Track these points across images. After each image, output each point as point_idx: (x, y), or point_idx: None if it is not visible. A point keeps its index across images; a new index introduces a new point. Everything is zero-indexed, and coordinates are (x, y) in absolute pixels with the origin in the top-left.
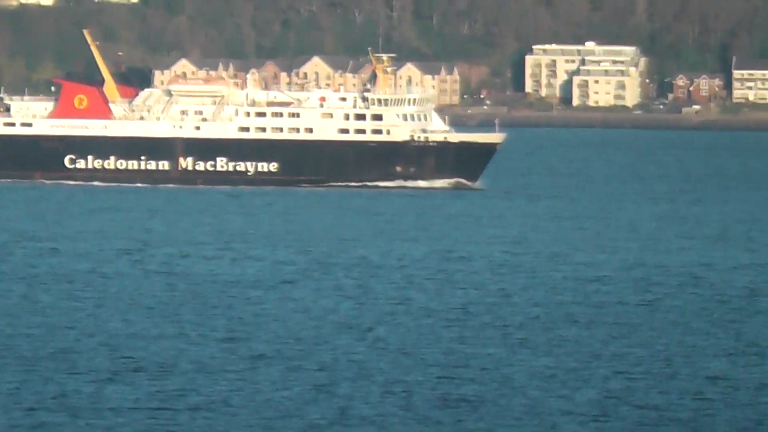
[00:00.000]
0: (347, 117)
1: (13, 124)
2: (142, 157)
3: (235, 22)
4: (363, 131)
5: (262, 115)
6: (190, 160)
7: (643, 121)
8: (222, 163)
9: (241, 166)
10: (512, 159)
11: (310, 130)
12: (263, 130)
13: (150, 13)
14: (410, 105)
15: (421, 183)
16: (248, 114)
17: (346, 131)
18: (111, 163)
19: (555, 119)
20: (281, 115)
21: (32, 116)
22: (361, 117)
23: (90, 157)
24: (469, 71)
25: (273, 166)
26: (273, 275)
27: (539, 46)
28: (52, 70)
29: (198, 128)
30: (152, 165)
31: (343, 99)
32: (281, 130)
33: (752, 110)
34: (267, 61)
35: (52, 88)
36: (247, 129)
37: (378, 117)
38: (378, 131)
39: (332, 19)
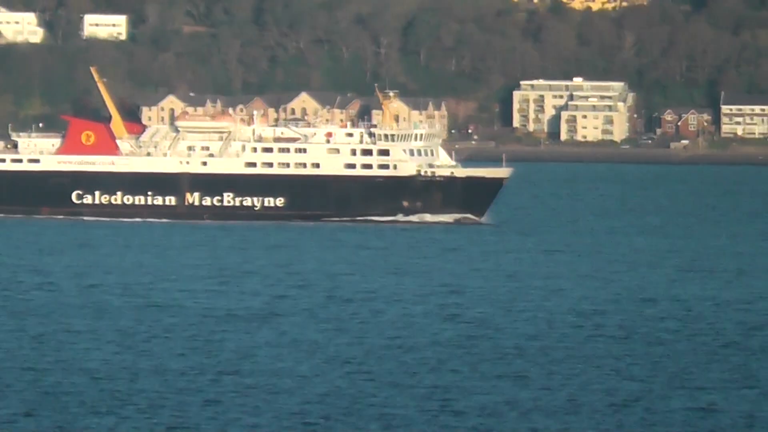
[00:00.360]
0: (354, 152)
1: (20, 161)
2: (149, 193)
3: (222, 59)
4: (370, 166)
5: (268, 150)
6: (196, 195)
7: (631, 155)
8: (229, 199)
9: (247, 202)
10: (507, 194)
11: (317, 166)
12: (270, 165)
13: (137, 50)
14: (417, 140)
15: (428, 218)
16: (255, 149)
17: (352, 166)
18: (118, 198)
19: (543, 154)
20: (288, 150)
21: (39, 152)
22: (367, 152)
23: (97, 193)
24: (456, 107)
25: (280, 201)
26: (266, 309)
27: (527, 82)
28: (40, 107)
29: (205, 164)
30: (159, 200)
31: (350, 134)
32: (288, 165)
33: (741, 145)
34: (254, 97)
35: (40, 124)
36: (253, 164)
37: (385, 152)
38: (385, 166)
39: (319, 55)
